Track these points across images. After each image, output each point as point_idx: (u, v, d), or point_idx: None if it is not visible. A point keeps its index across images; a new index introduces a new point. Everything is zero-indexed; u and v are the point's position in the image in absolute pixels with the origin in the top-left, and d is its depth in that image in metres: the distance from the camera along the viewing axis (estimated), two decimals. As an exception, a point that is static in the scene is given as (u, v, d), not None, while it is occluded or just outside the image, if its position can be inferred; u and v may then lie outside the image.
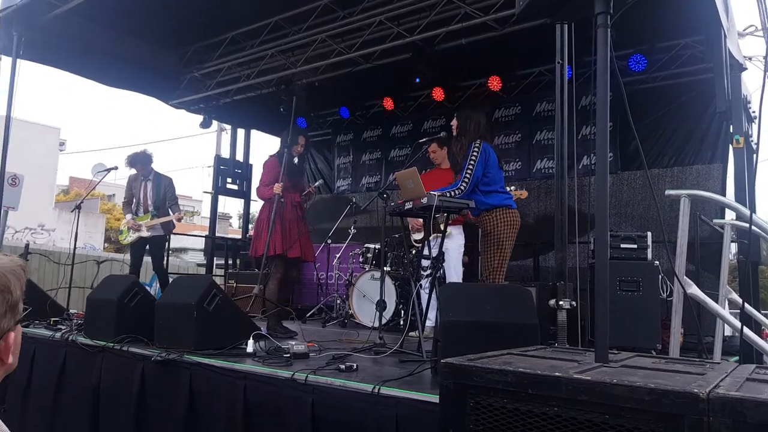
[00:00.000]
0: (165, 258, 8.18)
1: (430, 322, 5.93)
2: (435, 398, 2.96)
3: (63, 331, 5.59)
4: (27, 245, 8.89)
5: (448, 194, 5.01)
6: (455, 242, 6.43)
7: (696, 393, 1.64)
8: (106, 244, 29.26)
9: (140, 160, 7.90)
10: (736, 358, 4.89)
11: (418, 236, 7.02)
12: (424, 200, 4.66)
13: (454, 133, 5.57)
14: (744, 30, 9.24)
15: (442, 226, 6.58)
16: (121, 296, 5.23)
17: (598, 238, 2.42)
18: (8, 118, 7.53)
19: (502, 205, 5.29)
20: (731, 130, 6.15)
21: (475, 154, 5.21)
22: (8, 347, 1.32)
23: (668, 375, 1.97)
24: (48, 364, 5.37)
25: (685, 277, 3.79)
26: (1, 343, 1.30)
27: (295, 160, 6.69)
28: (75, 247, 7.47)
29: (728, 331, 5.45)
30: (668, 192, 4.12)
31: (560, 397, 1.86)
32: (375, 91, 10.87)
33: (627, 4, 2.45)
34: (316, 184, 6.22)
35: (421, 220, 6.62)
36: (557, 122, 4.52)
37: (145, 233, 7.68)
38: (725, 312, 4.12)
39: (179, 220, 7.87)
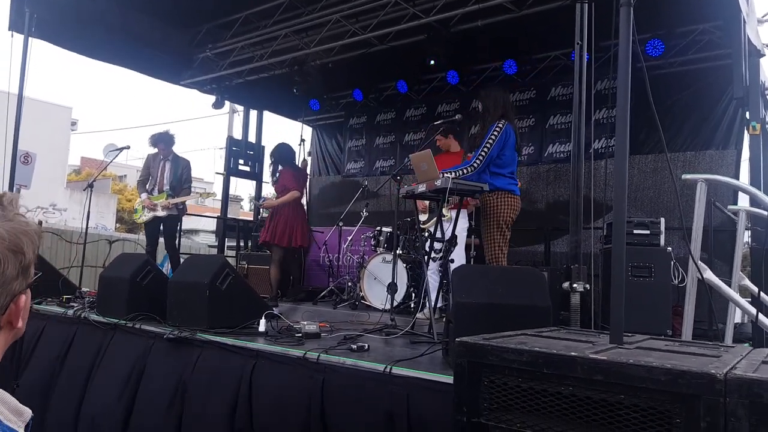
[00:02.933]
0: (177, 238, 8.23)
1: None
2: (446, 378, 2.98)
3: (75, 308, 5.62)
4: (39, 224, 8.89)
5: (459, 172, 5.01)
6: (460, 225, 6.41)
7: (713, 373, 1.64)
8: (117, 224, 29.38)
9: (163, 140, 7.99)
10: (747, 344, 4.87)
11: (424, 217, 7.01)
12: (438, 183, 4.66)
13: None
14: (762, 16, 9.13)
15: (445, 210, 6.59)
16: (134, 274, 5.26)
17: (615, 222, 2.40)
18: (20, 97, 7.53)
19: (506, 189, 5.28)
20: (748, 117, 6.10)
21: (495, 133, 5.19)
22: (18, 310, 1.25)
23: (683, 356, 1.97)
24: (58, 340, 5.39)
25: (700, 262, 3.77)
26: (12, 306, 1.23)
27: None
28: (87, 225, 7.47)
29: (738, 319, 5.43)
30: (685, 176, 4.10)
31: (575, 376, 1.86)
32: (389, 74, 10.77)
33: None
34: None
35: (427, 201, 6.63)
36: (575, 104, 4.47)
37: (160, 213, 7.74)
38: (740, 297, 4.11)
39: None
